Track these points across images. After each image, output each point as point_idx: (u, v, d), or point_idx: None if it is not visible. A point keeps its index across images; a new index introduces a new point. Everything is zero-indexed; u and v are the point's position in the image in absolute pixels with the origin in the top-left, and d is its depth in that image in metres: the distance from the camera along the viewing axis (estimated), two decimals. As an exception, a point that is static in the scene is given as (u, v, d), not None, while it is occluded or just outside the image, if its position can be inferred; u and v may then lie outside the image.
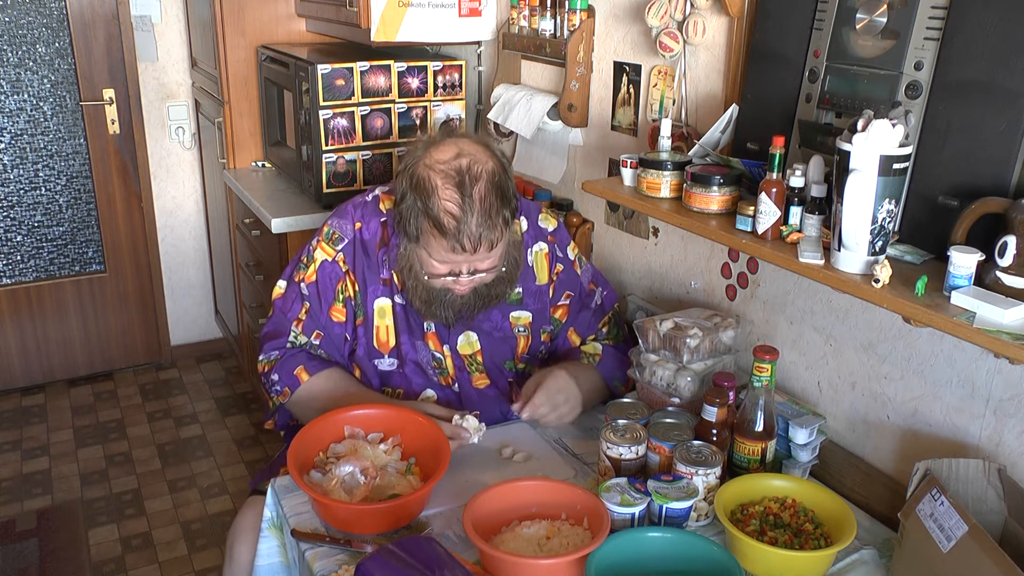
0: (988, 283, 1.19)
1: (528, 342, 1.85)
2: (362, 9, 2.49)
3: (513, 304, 1.81)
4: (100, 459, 3.21)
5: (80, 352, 3.78)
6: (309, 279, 1.77)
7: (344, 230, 1.77)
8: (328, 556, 1.39)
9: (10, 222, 3.53)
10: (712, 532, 1.43)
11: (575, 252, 1.90)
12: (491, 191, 1.57)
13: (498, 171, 1.60)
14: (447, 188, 1.56)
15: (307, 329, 1.78)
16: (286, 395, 1.75)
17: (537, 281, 1.84)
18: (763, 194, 1.42)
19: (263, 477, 1.86)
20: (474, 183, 1.56)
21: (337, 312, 1.77)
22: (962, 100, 1.28)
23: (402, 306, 1.77)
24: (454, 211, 1.55)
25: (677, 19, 1.86)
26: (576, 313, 1.88)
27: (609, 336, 1.90)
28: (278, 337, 1.79)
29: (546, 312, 1.86)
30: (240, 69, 3.16)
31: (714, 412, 1.50)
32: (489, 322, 1.81)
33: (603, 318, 1.91)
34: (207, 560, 2.68)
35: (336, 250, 1.77)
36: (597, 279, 1.94)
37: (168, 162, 3.76)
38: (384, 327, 1.79)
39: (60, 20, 3.40)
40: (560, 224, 1.90)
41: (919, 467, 1.28)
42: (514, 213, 1.64)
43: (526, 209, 1.84)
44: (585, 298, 1.89)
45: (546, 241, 1.85)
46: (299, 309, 1.78)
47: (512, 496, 1.41)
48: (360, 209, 1.80)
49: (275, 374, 1.76)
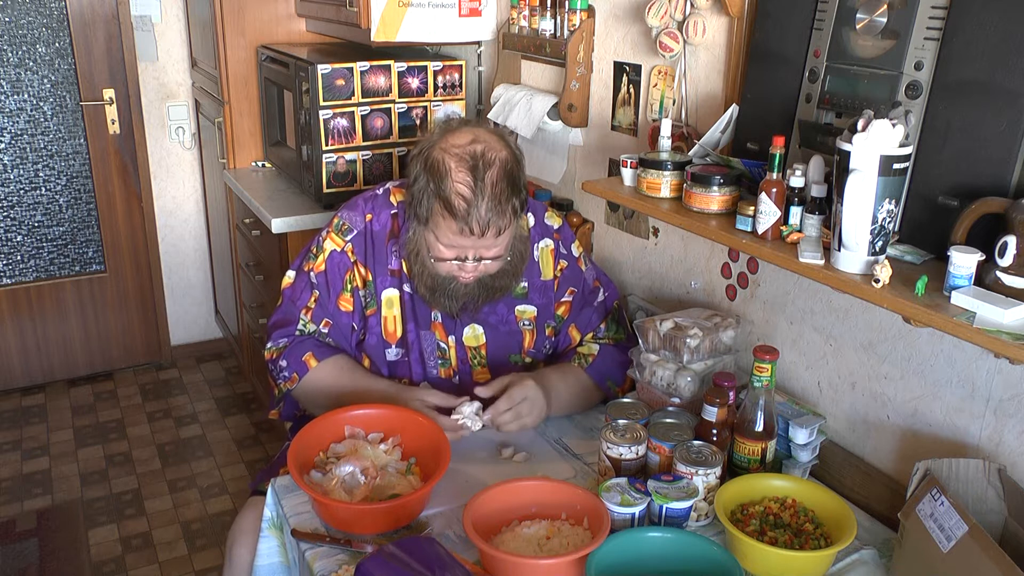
0: (988, 283, 1.19)
1: (533, 337, 1.86)
2: (362, 9, 2.49)
3: (519, 298, 1.83)
4: (100, 459, 3.21)
5: (80, 352, 3.78)
6: (318, 268, 1.79)
7: (354, 221, 1.79)
8: (328, 556, 1.39)
9: (10, 222, 3.53)
10: (712, 532, 1.43)
11: (579, 250, 1.91)
12: (503, 178, 1.59)
13: (511, 161, 1.63)
14: (460, 171, 1.58)
15: (316, 317, 1.79)
16: (294, 381, 1.75)
17: (543, 276, 1.85)
18: (763, 194, 1.42)
19: (263, 478, 1.86)
20: (487, 168, 1.58)
21: (345, 302, 1.79)
22: (962, 100, 1.28)
23: (410, 295, 1.78)
24: (465, 193, 1.57)
25: (677, 19, 1.86)
26: (579, 310, 1.89)
27: (608, 334, 1.91)
28: (287, 325, 1.80)
29: (551, 307, 1.87)
30: (240, 69, 3.17)
31: (714, 412, 1.50)
32: (495, 315, 1.82)
33: (605, 316, 1.92)
34: (207, 560, 2.68)
35: (345, 240, 1.78)
36: (601, 278, 1.95)
37: (168, 162, 3.76)
38: (392, 317, 1.80)
39: (60, 20, 3.40)
40: (564, 223, 1.92)
41: (919, 467, 1.28)
42: (523, 205, 1.66)
43: (533, 207, 1.86)
44: (588, 295, 1.90)
45: (552, 238, 1.87)
46: (308, 297, 1.79)
47: (512, 496, 1.41)
48: (371, 202, 1.82)
49: (283, 360, 1.77)
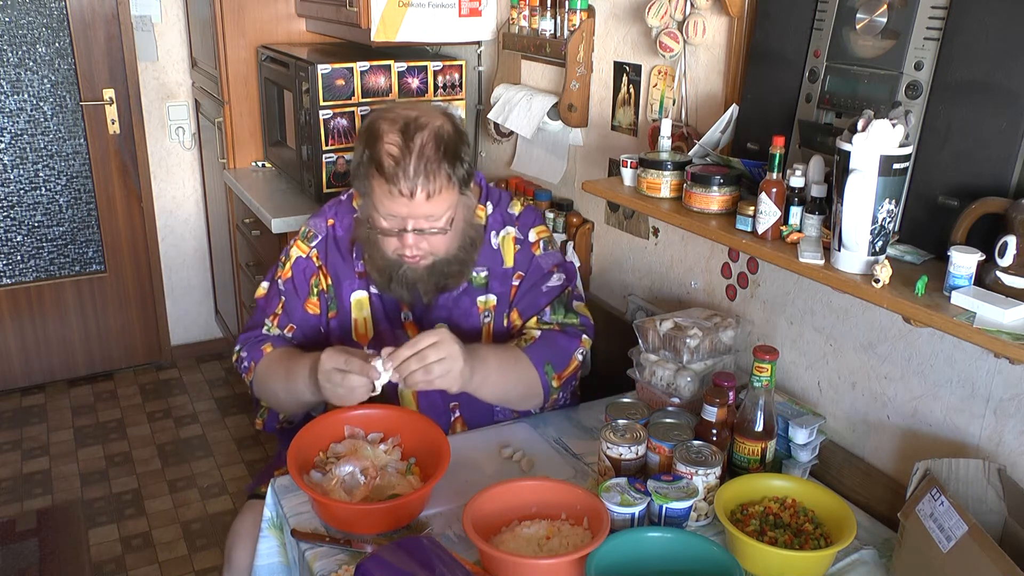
0: (988, 283, 1.19)
1: (491, 329, 1.81)
2: (362, 9, 2.49)
3: (480, 288, 1.80)
4: (100, 459, 3.21)
5: (80, 352, 3.78)
6: (286, 276, 1.82)
7: (318, 227, 1.83)
8: (328, 556, 1.39)
9: (10, 222, 3.53)
10: (712, 532, 1.43)
11: (539, 235, 1.83)
12: (433, 141, 1.59)
13: (447, 130, 1.62)
14: (391, 133, 1.60)
15: (281, 323, 1.82)
16: (252, 371, 1.76)
17: (504, 264, 1.81)
18: (763, 194, 1.42)
19: (260, 481, 1.86)
20: (418, 131, 1.59)
21: (312, 305, 1.82)
22: (962, 100, 1.28)
23: (377, 295, 1.80)
24: (394, 152, 1.58)
25: (677, 19, 1.86)
26: (523, 293, 1.81)
27: (555, 318, 1.79)
28: (254, 329, 1.84)
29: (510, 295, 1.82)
30: (240, 69, 3.17)
31: (714, 412, 1.50)
32: (459, 309, 1.79)
33: (552, 299, 1.80)
34: (207, 560, 2.68)
35: (310, 247, 1.82)
36: (564, 265, 1.85)
37: (168, 162, 3.76)
38: (363, 319, 1.82)
39: (60, 20, 3.40)
40: (527, 209, 1.86)
41: (919, 467, 1.28)
42: (464, 179, 1.64)
43: (495, 197, 1.83)
44: (539, 280, 1.81)
45: (514, 225, 1.83)
46: (276, 304, 1.83)
47: (512, 496, 1.41)
48: (335, 207, 1.86)
49: (244, 352, 1.79)
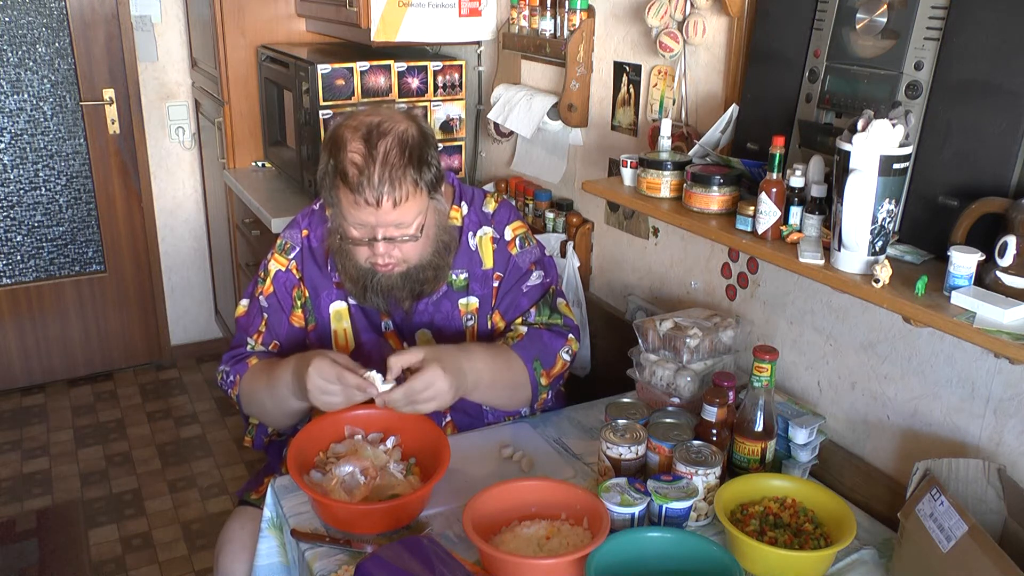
0: (988, 283, 1.19)
1: (475, 331, 1.79)
2: (362, 9, 2.49)
3: (460, 291, 1.77)
4: (100, 459, 3.21)
5: (80, 352, 3.78)
6: (267, 292, 1.78)
7: (294, 239, 1.79)
8: (328, 556, 1.39)
9: (10, 222, 3.53)
10: (712, 532, 1.43)
11: (516, 232, 1.80)
12: (397, 147, 1.54)
13: (412, 134, 1.57)
14: (354, 141, 1.55)
15: (265, 340, 1.79)
16: (237, 385, 1.74)
17: (483, 266, 1.78)
18: (763, 194, 1.42)
19: (250, 487, 1.86)
20: (381, 137, 1.55)
21: (297, 318, 1.79)
22: (962, 100, 1.28)
23: (356, 306, 1.77)
24: (357, 160, 1.53)
25: (677, 19, 1.86)
26: (503, 295, 1.78)
27: (540, 319, 1.78)
28: (236, 348, 1.81)
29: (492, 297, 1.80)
30: (240, 69, 3.16)
31: (714, 412, 1.50)
32: (440, 314, 1.77)
33: (536, 300, 1.79)
34: (207, 560, 2.68)
35: (288, 259, 1.78)
36: (543, 260, 1.82)
37: (168, 162, 3.76)
38: (342, 330, 1.78)
39: (60, 20, 3.40)
40: (502, 205, 1.82)
41: (919, 467, 1.28)
42: (432, 183, 1.59)
43: (469, 196, 1.80)
44: (519, 280, 1.78)
45: (490, 224, 1.79)
46: (259, 322, 1.79)
47: (512, 496, 1.41)
48: (308, 218, 1.81)
49: (227, 367, 1.77)
